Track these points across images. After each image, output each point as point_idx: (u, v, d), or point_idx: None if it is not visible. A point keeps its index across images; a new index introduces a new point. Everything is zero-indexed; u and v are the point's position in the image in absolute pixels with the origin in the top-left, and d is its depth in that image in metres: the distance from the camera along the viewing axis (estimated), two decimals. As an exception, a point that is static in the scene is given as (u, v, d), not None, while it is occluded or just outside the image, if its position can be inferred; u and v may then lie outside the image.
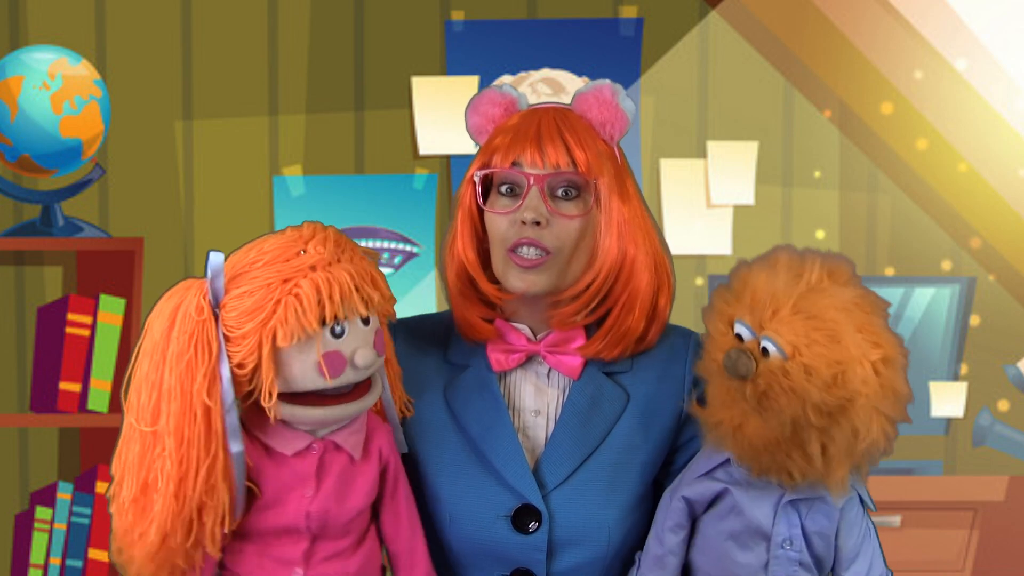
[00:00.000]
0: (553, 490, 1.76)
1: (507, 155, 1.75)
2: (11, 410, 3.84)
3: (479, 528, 1.76)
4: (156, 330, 1.60)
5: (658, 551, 1.74)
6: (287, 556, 1.67)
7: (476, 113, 1.82)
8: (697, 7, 3.91)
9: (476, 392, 1.81)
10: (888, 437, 1.62)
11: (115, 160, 3.82)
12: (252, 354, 1.59)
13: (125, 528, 1.61)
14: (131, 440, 1.60)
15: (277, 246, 1.63)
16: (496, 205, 1.78)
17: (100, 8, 3.87)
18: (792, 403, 1.57)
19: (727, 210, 3.90)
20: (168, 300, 1.62)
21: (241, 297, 1.60)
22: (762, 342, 1.60)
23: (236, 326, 1.59)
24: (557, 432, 1.79)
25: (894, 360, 1.60)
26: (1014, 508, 3.59)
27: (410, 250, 3.85)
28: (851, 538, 1.72)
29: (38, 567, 3.43)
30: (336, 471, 1.68)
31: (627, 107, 1.78)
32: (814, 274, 1.64)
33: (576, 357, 1.80)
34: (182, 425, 1.57)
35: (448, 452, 1.79)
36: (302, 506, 1.66)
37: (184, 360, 1.58)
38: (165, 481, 1.57)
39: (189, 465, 1.58)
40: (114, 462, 1.62)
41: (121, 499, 1.60)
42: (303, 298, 1.58)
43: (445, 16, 3.87)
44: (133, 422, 1.59)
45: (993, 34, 3.76)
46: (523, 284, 1.76)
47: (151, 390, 1.59)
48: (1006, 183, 3.83)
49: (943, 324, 3.80)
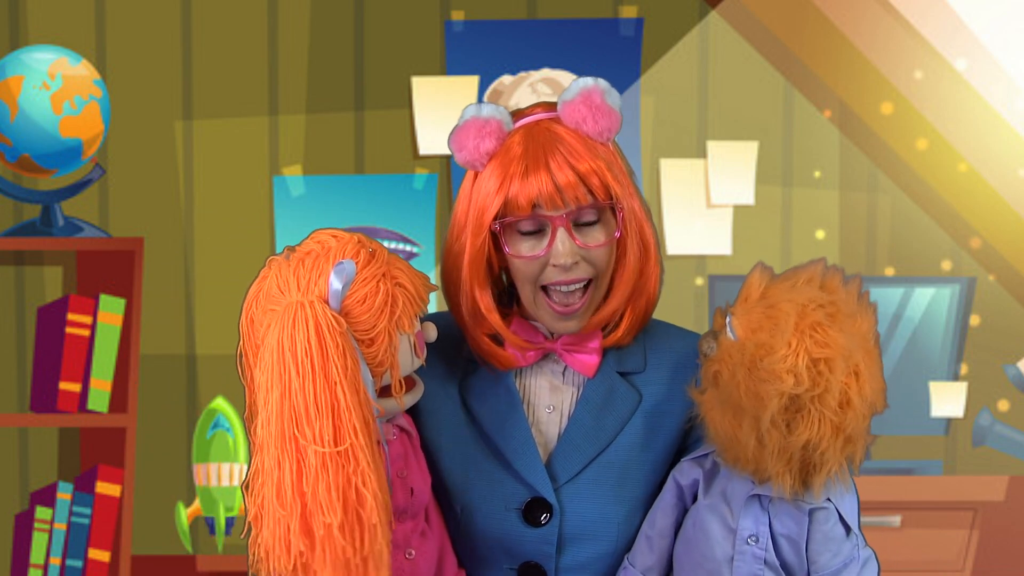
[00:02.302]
0: (564, 484, 1.77)
1: (523, 197, 1.72)
2: (11, 410, 3.85)
3: (490, 520, 1.77)
4: (304, 355, 1.61)
5: (648, 532, 1.76)
6: (399, 539, 1.71)
7: (464, 149, 1.76)
8: (697, 7, 3.91)
9: (491, 388, 1.82)
10: (832, 444, 1.62)
11: (115, 160, 3.82)
12: (387, 351, 1.66)
13: (337, 555, 1.60)
14: (316, 468, 1.60)
15: (355, 253, 1.68)
16: (521, 248, 1.75)
17: (100, 8, 3.87)
18: (730, 383, 1.63)
19: (727, 210, 3.90)
20: (297, 325, 1.62)
21: (363, 300, 1.65)
22: (727, 325, 1.66)
23: (369, 328, 1.65)
24: (570, 428, 1.80)
25: (839, 364, 1.60)
26: (1014, 508, 3.59)
27: (410, 250, 3.85)
28: (824, 554, 1.70)
29: (38, 567, 3.43)
30: (410, 451, 1.76)
31: (616, 103, 1.76)
32: (803, 277, 1.68)
33: (592, 356, 1.81)
34: (368, 434, 1.61)
35: (461, 445, 1.81)
36: (406, 486, 1.72)
37: (349, 374, 1.61)
38: (372, 492, 1.60)
39: (380, 471, 1.62)
40: (285, 499, 1.60)
41: (323, 528, 1.59)
42: (406, 286, 1.68)
43: (445, 16, 3.87)
44: (319, 448, 1.59)
45: (993, 34, 3.76)
46: (565, 328, 1.77)
47: (326, 413, 1.60)
48: (1006, 183, 3.83)
49: (943, 324, 3.80)
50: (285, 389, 1.61)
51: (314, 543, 1.60)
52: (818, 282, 1.67)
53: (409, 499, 1.73)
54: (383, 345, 1.66)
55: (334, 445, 1.60)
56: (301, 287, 1.64)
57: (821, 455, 1.62)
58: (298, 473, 1.60)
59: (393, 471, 1.72)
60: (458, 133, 1.77)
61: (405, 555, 1.72)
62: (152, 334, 3.70)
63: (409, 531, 1.73)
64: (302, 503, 1.60)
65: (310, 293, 1.64)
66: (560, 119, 1.76)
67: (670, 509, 1.75)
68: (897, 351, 3.79)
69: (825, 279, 1.68)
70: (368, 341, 1.65)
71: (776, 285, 1.67)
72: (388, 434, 1.72)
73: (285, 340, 1.61)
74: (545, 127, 1.76)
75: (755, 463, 1.66)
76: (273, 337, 1.62)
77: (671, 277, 4.19)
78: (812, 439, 1.61)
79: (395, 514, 1.71)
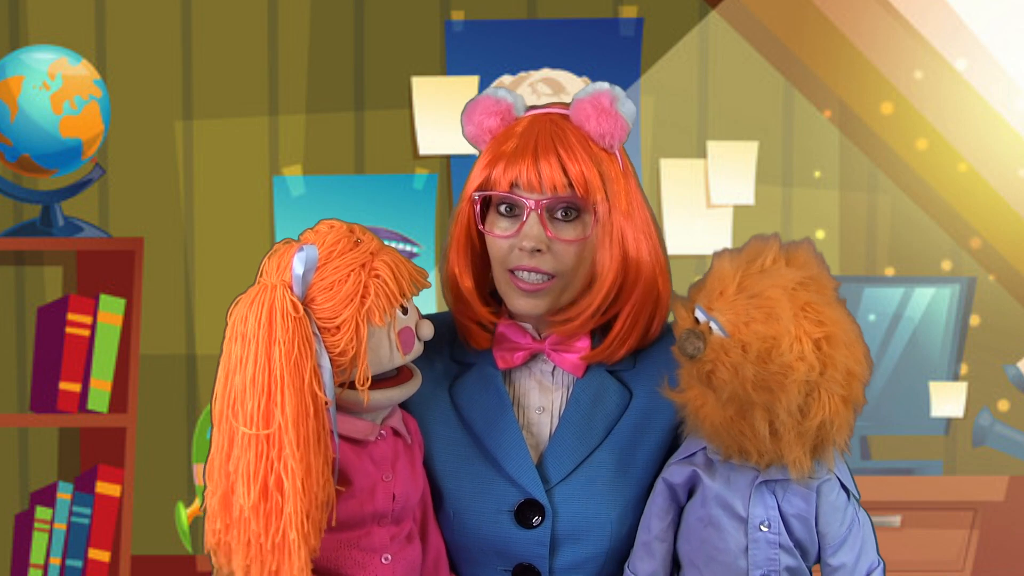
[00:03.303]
0: (556, 485, 1.77)
1: (505, 176, 1.74)
2: (11, 410, 3.85)
3: (482, 523, 1.77)
4: (252, 335, 1.62)
5: (645, 537, 1.75)
6: (375, 544, 1.71)
7: (471, 123, 1.81)
8: (697, 7, 3.91)
9: (481, 389, 1.82)
10: (843, 417, 1.63)
11: (115, 160, 3.82)
12: (352, 341, 1.64)
13: (249, 538, 1.61)
14: (241, 447, 1.61)
15: (336, 240, 1.68)
16: (496, 227, 1.78)
17: (100, 8, 3.87)
18: (733, 380, 1.61)
19: (727, 210, 3.90)
20: (253, 306, 1.63)
21: (331, 288, 1.65)
22: (710, 322, 1.64)
23: (332, 316, 1.64)
24: (560, 428, 1.79)
25: (838, 338, 1.61)
26: (1014, 508, 3.59)
27: (410, 250, 3.85)
28: (833, 524, 1.71)
29: (38, 567, 3.43)
30: (401, 454, 1.74)
31: (627, 111, 1.76)
32: (768, 258, 1.67)
33: (580, 355, 1.81)
34: (299, 421, 1.60)
35: (453, 448, 1.81)
36: (388, 490, 1.71)
37: (292, 359, 1.61)
38: (292, 479, 1.59)
39: (309, 460, 1.61)
40: (214, 475, 1.63)
41: (238, 508, 1.61)
42: (385, 278, 1.66)
43: (445, 16, 3.87)
44: (244, 428, 1.60)
45: (993, 34, 3.76)
46: (526, 306, 1.77)
47: (259, 395, 1.61)
48: (1006, 183, 3.83)
49: (943, 324, 3.80)
50: (229, 368, 1.62)
51: (231, 523, 1.61)
52: (783, 258, 1.67)
53: (391, 504, 1.71)
54: (347, 334, 1.64)
55: (262, 427, 1.60)
56: (277, 272, 1.66)
57: (836, 430, 1.63)
58: (228, 452, 1.61)
59: (376, 474, 1.70)
60: (470, 108, 1.81)
61: (381, 559, 1.71)
62: (152, 334, 3.70)
63: (388, 536, 1.72)
64: (227, 482, 1.61)
65: (278, 277, 1.65)
66: (569, 117, 1.78)
67: (664, 512, 1.75)
68: (897, 351, 3.79)
69: (789, 254, 1.68)
70: (333, 329, 1.64)
71: (748, 273, 1.66)
72: (372, 434, 1.71)
73: (238, 321, 1.63)
74: (552, 119, 1.77)
75: (770, 453, 1.65)
76: (232, 317, 1.64)
77: (671, 277, 4.19)
78: (827, 417, 1.62)
79: (372, 517, 1.70)
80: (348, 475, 1.69)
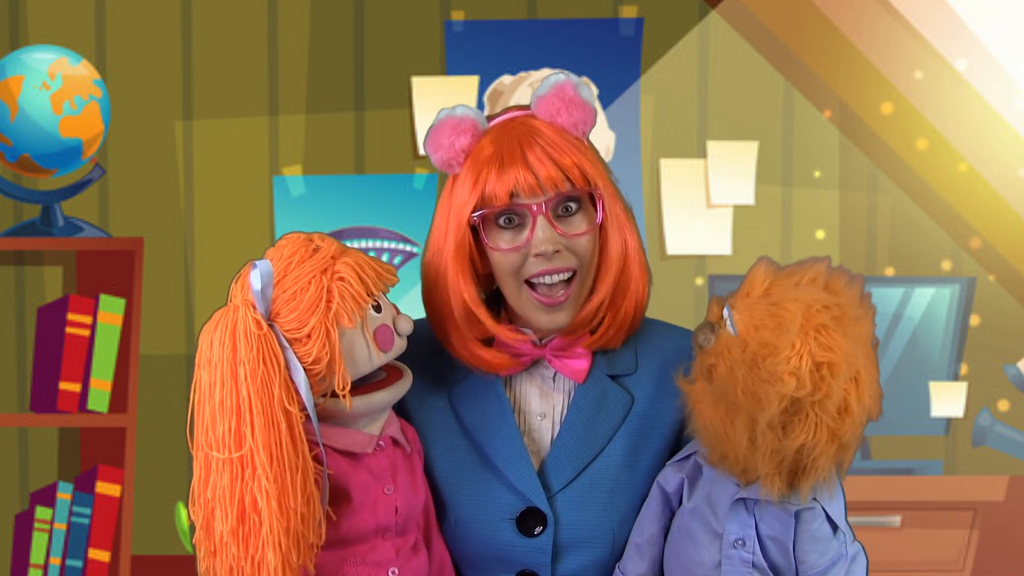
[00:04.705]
0: (558, 493, 1.76)
1: (501, 188, 1.71)
2: (11, 410, 3.85)
3: (484, 531, 1.76)
4: (217, 359, 1.61)
5: (638, 540, 1.75)
6: (381, 558, 1.69)
7: (440, 148, 1.77)
8: (697, 7, 3.91)
9: (481, 396, 1.81)
10: (826, 449, 1.60)
11: (115, 160, 3.82)
12: (324, 347, 1.63)
13: (231, 564, 1.60)
14: (216, 473, 1.60)
15: (293, 251, 1.66)
16: (500, 241, 1.74)
17: (100, 8, 3.87)
18: (727, 378, 1.60)
19: (727, 210, 3.90)
20: (217, 329, 1.62)
21: (293, 298, 1.63)
22: (727, 319, 1.63)
23: (299, 326, 1.63)
24: (562, 435, 1.78)
25: (841, 369, 1.58)
26: (1014, 508, 3.59)
27: (410, 250, 3.85)
28: (812, 553, 1.68)
29: (38, 567, 3.43)
30: (401, 464, 1.73)
31: (590, 97, 1.76)
32: (807, 276, 1.65)
33: (581, 360, 1.80)
34: (269, 440, 1.59)
35: (453, 455, 1.79)
36: (390, 502, 1.70)
37: (259, 377, 1.59)
38: (266, 499, 1.58)
39: (284, 477, 1.59)
40: (195, 502, 1.62)
41: (218, 534, 1.60)
42: (348, 279, 1.64)
43: (445, 16, 3.87)
44: (216, 454, 1.60)
45: (993, 34, 3.76)
46: (550, 322, 1.75)
47: (228, 417, 1.59)
48: (1006, 183, 3.83)
49: (943, 324, 3.80)
50: (200, 394, 1.61)
51: (214, 549, 1.61)
52: (822, 282, 1.64)
53: (394, 516, 1.70)
54: (318, 341, 1.62)
55: (234, 450, 1.59)
56: (241, 292, 1.65)
57: (814, 460, 1.60)
58: (205, 479, 1.61)
59: (376, 486, 1.69)
60: (433, 133, 1.78)
61: (388, 573, 1.70)
62: (152, 334, 3.70)
63: (394, 549, 1.70)
64: (207, 509, 1.61)
65: (241, 298, 1.64)
66: (535, 115, 1.76)
67: (656, 516, 1.74)
68: (897, 351, 3.78)
69: (829, 279, 1.65)
70: (303, 339, 1.63)
71: (780, 282, 1.64)
72: (369, 446, 1.69)
73: (205, 347, 1.62)
74: (520, 122, 1.76)
75: (744, 463, 1.63)
76: (200, 344, 1.63)
77: (671, 277, 4.21)
78: (807, 443, 1.59)
79: (375, 531, 1.69)
80: (345, 489, 1.67)
